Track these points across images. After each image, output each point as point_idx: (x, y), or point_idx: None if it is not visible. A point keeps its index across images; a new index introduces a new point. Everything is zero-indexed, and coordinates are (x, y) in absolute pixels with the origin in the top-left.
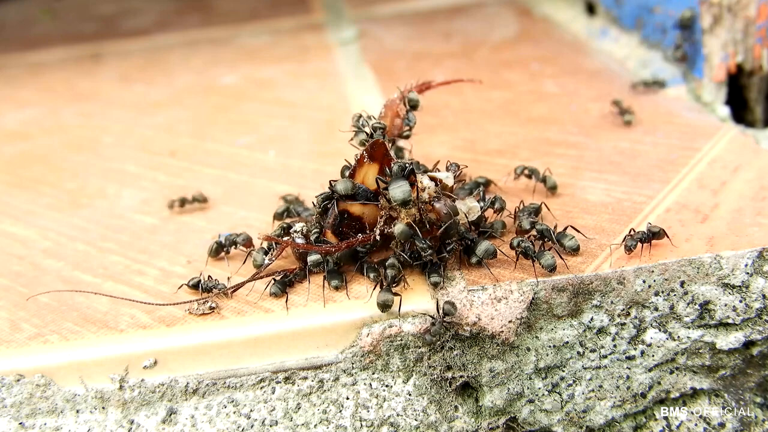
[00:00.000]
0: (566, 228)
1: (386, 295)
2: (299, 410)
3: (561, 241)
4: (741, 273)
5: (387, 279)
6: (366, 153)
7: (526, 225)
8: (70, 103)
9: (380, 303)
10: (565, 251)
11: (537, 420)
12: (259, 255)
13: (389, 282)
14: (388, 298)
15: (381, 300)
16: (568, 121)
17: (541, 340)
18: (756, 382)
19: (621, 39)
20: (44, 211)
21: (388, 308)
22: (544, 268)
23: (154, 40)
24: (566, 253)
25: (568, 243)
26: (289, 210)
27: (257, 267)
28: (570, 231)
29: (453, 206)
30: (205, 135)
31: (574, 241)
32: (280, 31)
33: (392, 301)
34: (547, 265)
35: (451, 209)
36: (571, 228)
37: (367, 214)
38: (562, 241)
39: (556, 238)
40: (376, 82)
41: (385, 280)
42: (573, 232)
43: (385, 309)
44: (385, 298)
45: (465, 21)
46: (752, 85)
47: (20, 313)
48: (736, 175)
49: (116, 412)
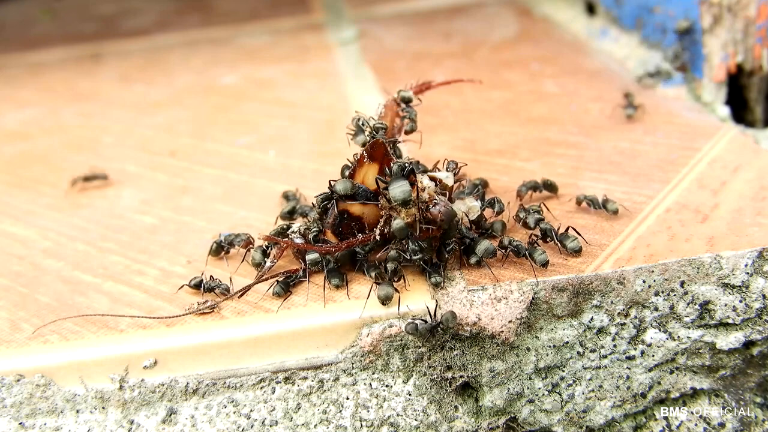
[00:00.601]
0: (568, 229)
1: (387, 289)
2: (299, 410)
3: (563, 243)
4: (741, 273)
5: (387, 272)
6: (366, 153)
7: (531, 222)
8: (70, 103)
9: (381, 296)
10: (567, 252)
11: (537, 420)
12: (257, 254)
13: (389, 275)
14: (389, 292)
15: (382, 293)
16: (568, 121)
17: (541, 340)
18: (756, 382)
19: (621, 39)
20: (44, 211)
21: (389, 301)
22: (538, 263)
23: (154, 40)
24: (567, 255)
25: (570, 244)
26: (295, 209)
27: (255, 266)
28: (571, 232)
29: (451, 211)
30: (205, 135)
31: (576, 242)
32: (280, 31)
33: (393, 295)
34: (540, 260)
35: (449, 214)
36: (572, 229)
37: (367, 214)
38: (564, 243)
39: (558, 239)
40: (376, 82)
41: (386, 273)
42: (574, 234)
43: (386, 302)
44: (386, 291)
45: (465, 21)
46: (752, 85)
47: (20, 313)
48: (736, 175)
49: (116, 412)
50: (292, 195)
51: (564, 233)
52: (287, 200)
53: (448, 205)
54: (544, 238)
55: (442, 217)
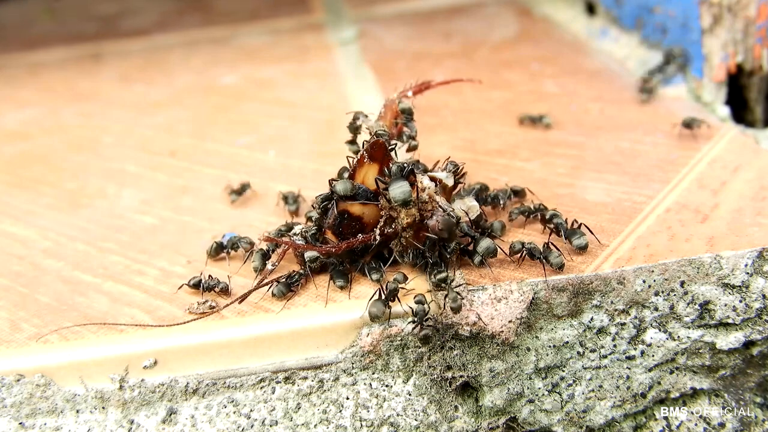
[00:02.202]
0: (580, 225)
1: (379, 306)
2: (299, 410)
3: (570, 239)
4: (741, 273)
5: (385, 291)
6: (366, 153)
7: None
8: (70, 103)
9: (372, 313)
10: (572, 248)
11: (537, 420)
12: (257, 259)
13: (387, 295)
14: (380, 310)
15: (374, 311)
16: (568, 121)
17: (541, 340)
18: (756, 382)
19: (621, 39)
20: (44, 211)
21: (378, 320)
22: (554, 266)
23: (154, 40)
24: (572, 251)
25: (576, 241)
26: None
27: (256, 270)
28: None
29: (448, 221)
30: (205, 135)
31: (583, 239)
32: (280, 31)
33: (384, 314)
34: (556, 263)
35: (447, 225)
36: (584, 226)
37: (367, 214)
38: (571, 239)
39: (566, 235)
40: (376, 82)
41: (384, 291)
42: (584, 230)
43: (375, 320)
44: (378, 309)
45: (465, 21)
46: (752, 85)
47: (20, 313)
48: (736, 175)
49: (116, 412)
50: (293, 197)
51: (573, 229)
52: (286, 202)
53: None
54: (556, 231)
55: (440, 227)
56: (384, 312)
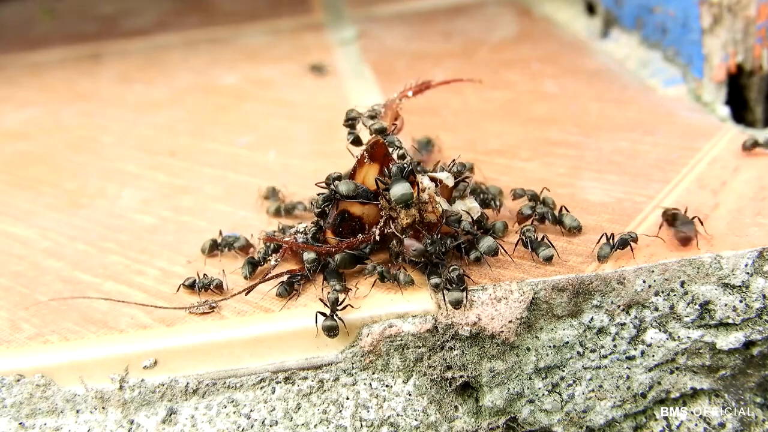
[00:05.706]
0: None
1: (330, 322)
2: (299, 410)
3: (563, 222)
4: (741, 273)
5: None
6: (366, 153)
7: (526, 211)
8: (70, 103)
9: (325, 328)
10: (567, 232)
11: (537, 420)
12: (246, 268)
13: (331, 308)
14: (332, 324)
15: (326, 326)
16: (568, 121)
17: (541, 340)
18: (756, 382)
19: (621, 39)
20: (44, 211)
21: (335, 334)
22: (541, 258)
23: (154, 40)
24: (569, 234)
25: (570, 223)
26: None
27: (246, 278)
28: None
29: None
30: (205, 135)
31: (549, 251)
32: (280, 31)
33: (338, 326)
34: (543, 256)
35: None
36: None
37: (367, 214)
38: (564, 221)
39: (558, 219)
40: (376, 82)
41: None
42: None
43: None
44: (330, 324)
45: (465, 21)
46: (752, 85)
47: (20, 313)
48: (736, 175)
49: (116, 412)
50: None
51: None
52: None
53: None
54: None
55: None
56: (335, 324)
